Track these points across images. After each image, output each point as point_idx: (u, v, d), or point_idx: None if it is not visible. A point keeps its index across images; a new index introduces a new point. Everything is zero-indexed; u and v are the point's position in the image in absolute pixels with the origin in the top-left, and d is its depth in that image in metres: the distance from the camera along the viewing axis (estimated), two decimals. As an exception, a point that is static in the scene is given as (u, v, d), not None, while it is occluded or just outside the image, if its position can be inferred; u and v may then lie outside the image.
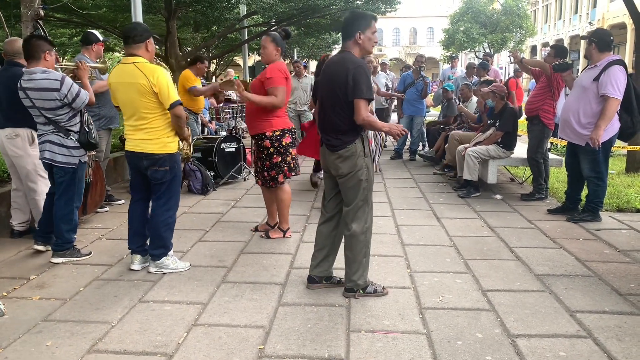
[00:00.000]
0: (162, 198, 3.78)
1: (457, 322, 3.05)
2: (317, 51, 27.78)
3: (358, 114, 3.09)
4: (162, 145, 3.68)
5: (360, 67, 3.11)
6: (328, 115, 3.26)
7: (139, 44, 3.62)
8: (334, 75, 3.19)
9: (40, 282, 3.66)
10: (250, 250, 4.34)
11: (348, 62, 3.14)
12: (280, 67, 4.34)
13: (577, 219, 5.15)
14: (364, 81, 3.08)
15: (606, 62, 4.81)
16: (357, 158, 3.24)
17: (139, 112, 3.62)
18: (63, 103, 3.86)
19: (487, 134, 6.32)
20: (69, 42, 20.38)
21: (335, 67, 3.21)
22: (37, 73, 3.84)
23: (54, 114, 3.88)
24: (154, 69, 3.56)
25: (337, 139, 3.23)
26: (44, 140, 3.95)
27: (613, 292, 3.49)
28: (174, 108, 3.60)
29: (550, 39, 41.78)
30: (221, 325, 3.00)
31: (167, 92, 3.55)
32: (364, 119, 3.10)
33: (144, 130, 3.65)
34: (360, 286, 3.37)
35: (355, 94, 3.08)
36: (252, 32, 17.19)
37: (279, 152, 4.45)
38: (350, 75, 3.07)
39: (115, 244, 4.48)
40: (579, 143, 5.04)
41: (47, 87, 3.81)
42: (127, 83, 3.58)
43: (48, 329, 2.97)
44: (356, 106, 3.09)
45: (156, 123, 3.64)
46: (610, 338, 2.87)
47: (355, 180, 3.26)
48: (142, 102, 3.57)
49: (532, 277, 3.74)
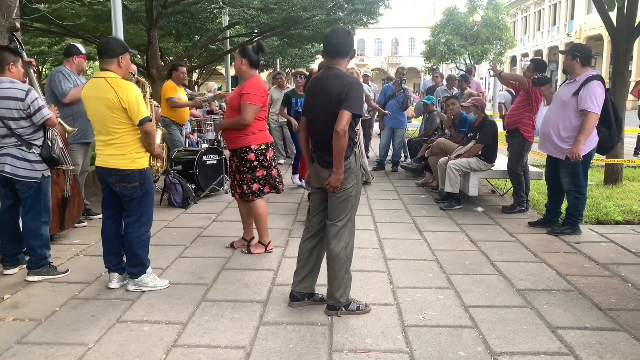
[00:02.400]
0: (133, 215, 3.71)
1: (440, 340, 3.04)
2: (299, 62, 27.85)
3: (339, 123, 3.06)
4: (131, 160, 3.61)
5: (357, 84, 3.16)
6: (323, 133, 3.22)
7: (112, 59, 3.57)
8: (328, 93, 3.17)
9: (14, 302, 3.56)
10: (232, 266, 4.28)
11: (343, 78, 3.15)
12: (259, 84, 4.32)
13: (557, 232, 5.19)
14: (357, 97, 3.11)
15: (585, 76, 4.88)
16: (351, 174, 3.25)
17: (107, 127, 3.55)
18: (26, 114, 3.79)
19: (467, 147, 6.36)
20: (49, 51, 20.15)
21: (330, 85, 3.18)
22: (4, 82, 3.80)
23: (17, 124, 3.80)
24: (123, 84, 3.51)
25: (331, 156, 3.18)
26: (3, 153, 3.84)
27: (594, 307, 3.51)
28: (143, 124, 3.54)
29: (529, 49, 42.48)
30: (201, 346, 2.95)
31: (136, 108, 3.50)
32: (342, 129, 3.06)
33: (113, 145, 3.59)
34: (343, 303, 3.34)
35: (344, 105, 3.08)
36: (234, 42, 17.15)
37: (263, 165, 4.42)
38: (345, 90, 3.10)
39: (94, 260, 4.39)
40: (559, 157, 5.09)
41: (12, 96, 3.76)
42: (96, 97, 3.52)
43: (22, 352, 2.89)
44: (340, 115, 3.08)
45: (125, 138, 3.58)
46: (591, 355, 2.87)
47: (346, 195, 3.26)
48: (110, 117, 3.51)
49: (513, 292, 3.75)
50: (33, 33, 14.40)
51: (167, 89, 6.98)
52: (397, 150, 9.19)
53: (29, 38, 16.60)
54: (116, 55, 3.58)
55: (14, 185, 3.90)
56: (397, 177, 8.62)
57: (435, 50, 34.45)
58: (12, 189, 3.94)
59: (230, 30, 15.91)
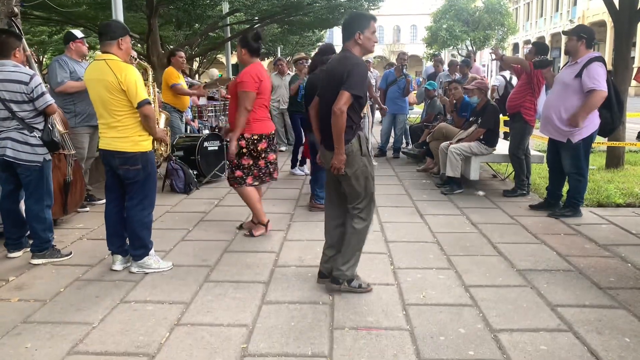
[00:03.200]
0: (135, 198, 3.73)
1: (440, 318, 3.07)
2: (300, 49, 27.74)
3: (337, 102, 3.09)
4: (133, 143, 3.63)
5: (357, 64, 3.15)
6: (326, 112, 3.25)
7: (112, 41, 3.58)
8: (333, 75, 3.21)
9: (19, 284, 3.60)
10: (234, 249, 4.31)
11: (347, 60, 3.17)
12: (252, 71, 4.30)
13: (558, 215, 5.21)
14: (358, 78, 3.11)
15: (587, 58, 4.87)
16: (355, 157, 3.27)
17: (108, 110, 3.57)
18: (29, 97, 3.81)
19: (469, 131, 6.36)
20: (49, 40, 20.12)
21: (335, 66, 3.25)
22: (7, 65, 3.81)
23: (20, 107, 3.82)
24: (123, 67, 3.52)
25: (332, 139, 3.22)
26: (4, 137, 3.85)
27: (593, 286, 3.53)
28: (141, 107, 3.55)
29: (531, 36, 42.21)
30: (204, 325, 2.98)
31: (134, 91, 3.50)
32: (339, 108, 3.07)
33: (115, 128, 3.60)
34: (347, 277, 3.38)
35: (345, 85, 3.09)
36: (235, 29, 17.10)
37: (251, 155, 4.44)
38: (347, 71, 3.11)
39: (97, 244, 4.43)
40: (560, 139, 5.10)
41: (16, 79, 3.77)
42: (97, 79, 3.54)
43: (27, 330, 2.93)
44: (339, 95, 3.09)
45: (126, 121, 3.59)
46: (590, 331, 2.90)
47: (354, 178, 3.29)
48: (111, 100, 3.53)
49: (514, 273, 3.78)
50: (33, 21, 14.40)
51: (170, 75, 6.98)
52: (398, 137, 9.18)
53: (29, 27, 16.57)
54: (116, 37, 3.58)
55: (15, 169, 3.91)
56: (399, 163, 8.63)
57: (437, 37, 34.31)
58: (13, 173, 3.95)
59: (231, 18, 15.86)
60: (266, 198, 6.10)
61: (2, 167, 3.93)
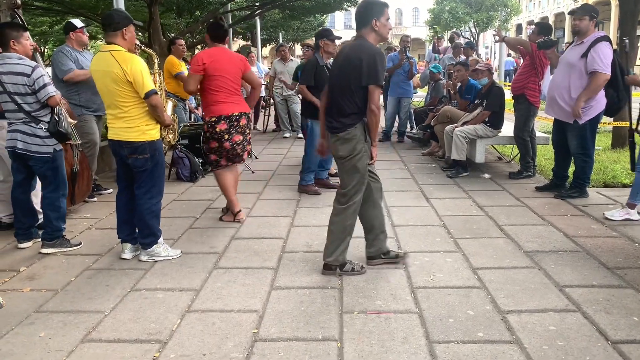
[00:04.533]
0: (144, 186, 3.75)
1: (449, 300, 3.09)
2: (302, 35, 27.57)
3: (372, 100, 3.17)
4: (141, 132, 3.64)
5: (377, 54, 3.18)
6: (336, 99, 3.32)
7: (115, 31, 3.57)
8: (347, 60, 3.24)
9: (30, 274, 3.64)
10: (241, 235, 4.34)
11: (364, 48, 3.19)
12: (200, 54, 4.52)
13: (564, 196, 5.20)
14: (380, 69, 3.15)
15: (593, 38, 4.82)
16: (357, 142, 3.29)
17: (115, 101, 3.58)
18: (31, 90, 3.82)
19: (474, 114, 6.34)
20: (50, 31, 20.04)
21: (350, 53, 3.26)
22: (12, 58, 3.82)
23: (23, 100, 3.83)
24: (128, 58, 3.51)
25: (338, 122, 3.30)
26: (13, 130, 3.88)
27: (601, 266, 3.54)
28: (149, 97, 3.55)
29: (535, 16, 41.80)
30: (214, 311, 3.01)
31: (141, 82, 3.50)
32: (377, 105, 3.18)
33: (122, 119, 3.61)
34: (339, 262, 3.44)
35: (370, 79, 3.14)
36: (236, 16, 17.00)
37: (213, 137, 4.51)
38: (365, 61, 3.13)
39: (105, 233, 4.46)
40: (567, 120, 5.07)
41: (19, 72, 3.78)
42: (103, 71, 3.54)
43: (41, 320, 2.96)
44: (370, 92, 3.17)
45: (133, 112, 3.60)
46: (598, 311, 2.92)
47: (351, 164, 3.32)
48: (117, 91, 3.53)
49: (521, 254, 3.79)
50: (34, 12, 14.33)
51: (173, 64, 6.95)
52: (403, 121, 9.15)
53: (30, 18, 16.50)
54: (120, 27, 3.57)
55: (27, 161, 3.94)
56: (403, 147, 8.61)
57: (440, 19, 34.00)
58: (24, 164, 3.98)
59: (232, 4, 15.76)
60: (272, 185, 6.12)
61: (13, 158, 3.98)
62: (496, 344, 2.62)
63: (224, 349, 2.61)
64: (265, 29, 23.90)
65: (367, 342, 2.65)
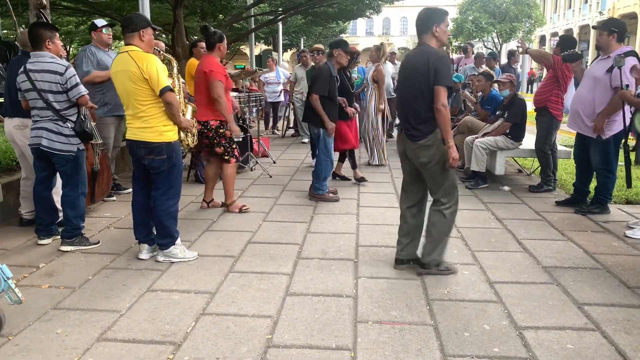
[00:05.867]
0: (161, 187, 3.79)
1: (465, 313, 3.05)
2: (323, 41, 27.63)
3: (437, 100, 3.29)
4: (158, 133, 3.68)
5: (443, 57, 3.38)
6: (409, 106, 3.45)
7: (133, 33, 3.64)
8: (414, 67, 3.39)
9: (49, 271, 3.68)
10: (258, 240, 4.35)
11: (429, 53, 3.35)
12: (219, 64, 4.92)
13: (585, 211, 5.12)
14: (446, 70, 3.31)
15: (618, 52, 4.75)
16: (437, 147, 3.42)
17: (133, 100, 3.63)
18: (63, 88, 3.88)
19: (495, 125, 6.28)
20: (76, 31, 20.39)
21: (415, 59, 3.42)
22: (46, 57, 3.90)
23: (55, 98, 3.90)
24: (144, 56, 3.57)
25: (416, 129, 3.43)
26: (39, 127, 3.94)
27: (621, 285, 3.47)
28: (164, 94, 3.59)
29: (559, 28, 41.38)
30: (229, 315, 3.02)
31: (156, 78, 3.55)
32: (443, 104, 3.29)
33: (140, 118, 3.66)
34: (437, 261, 3.57)
35: (437, 81, 3.29)
36: (259, 20, 17.12)
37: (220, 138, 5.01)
38: (432, 63, 3.28)
39: (123, 232, 4.50)
40: (590, 135, 5.00)
41: (52, 70, 3.86)
42: (122, 71, 3.61)
43: (58, 317, 3.00)
44: (436, 92, 3.30)
45: (151, 111, 3.64)
46: (618, 331, 2.86)
47: (436, 169, 3.45)
48: (135, 90, 3.59)
49: (539, 269, 3.73)
50: (61, 12, 14.59)
51: (194, 66, 7.00)
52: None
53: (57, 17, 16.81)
54: (137, 29, 3.64)
55: (50, 158, 4.01)
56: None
57: (463, 29, 33.84)
58: (47, 161, 4.05)
59: (255, 9, 15.87)
60: (289, 190, 6.13)
61: (37, 155, 4.04)
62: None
63: (238, 354, 2.62)
64: (287, 34, 24.03)
65: (380, 353, 2.63)
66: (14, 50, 5.58)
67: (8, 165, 5.34)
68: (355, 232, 4.56)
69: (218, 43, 4.87)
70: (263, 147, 8.16)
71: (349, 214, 5.12)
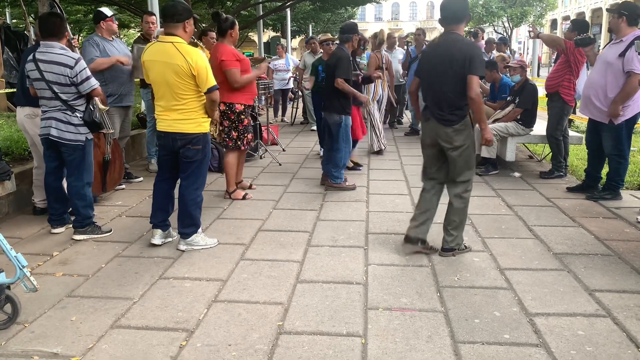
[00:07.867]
0: (191, 177, 3.81)
1: (475, 300, 3.06)
2: (332, 27, 27.47)
3: (471, 89, 3.38)
4: (197, 124, 3.71)
5: (477, 47, 3.57)
6: (443, 92, 3.52)
7: (178, 23, 3.60)
8: (448, 55, 3.44)
9: (63, 259, 3.73)
10: (268, 227, 4.37)
11: (463, 43, 3.47)
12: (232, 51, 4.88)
13: (597, 197, 5.09)
14: (480, 60, 3.42)
15: (632, 36, 4.68)
16: (469, 130, 3.57)
17: (174, 93, 3.61)
18: (72, 81, 3.89)
19: (506, 111, 6.23)
20: (84, 19, 20.40)
21: (447, 49, 3.47)
22: (56, 48, 3.89)
23: (61, 90, 3.90)
24: (192, 51, 3.55)
25: (452, 114, 3.52)
26: (48, 117, 3.96)
27: (633, 271, 3.46)
28: (211, 92, 3.61)
29: (571, 12, 40.78)
30: (241, 302, 3.05)
31: (205, 76, 3.57)
32: (476, 94, 3.38)
33: (178, 110, 3.66)
34: (461, 244, 3.74)
35: (471, 70, 3.37)
36: (267, 7, 17.03)
37: None
38: (468, 55, 3.38)
39: (135, 221, 4.54)
40: (602, 120, 4.95)
41: (62, 62, 3.85)
42: (163, 62, 3.57)
43: (72, 304, 3.04)
44: (469, 81, 3.38)
45: (191, 104, 3.65)
46: (629, 317, 2.85)
47: (468, 151, 3.58)
48: (178, 84, 3.57)
49: (550, 256, 3.72)
50: (69, 1, 14.59)
51: (205, 55, 7.01)
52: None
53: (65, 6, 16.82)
54: (182, 19, 3.60)
55: (59, 148, 4.03)
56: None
57: (473, 13, 33.43)
58: (57, 151, 4.07)
59: (263, -5, 15.78)
60: (299, 177, 6.14)
61: (46, 145, 4.06)
62: (522, 346, 2.59)
63: (249, 340, 2.64)
64: (295, 20, 23.89)
65: (391, 340, 2.65)
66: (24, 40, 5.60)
67: (21, 155, 5.38)
68: (365, 219, 4.56)
69: (230, 29, 4.83)
70: (272, 134, 8.17)
71: (359, 201, 5.12)
